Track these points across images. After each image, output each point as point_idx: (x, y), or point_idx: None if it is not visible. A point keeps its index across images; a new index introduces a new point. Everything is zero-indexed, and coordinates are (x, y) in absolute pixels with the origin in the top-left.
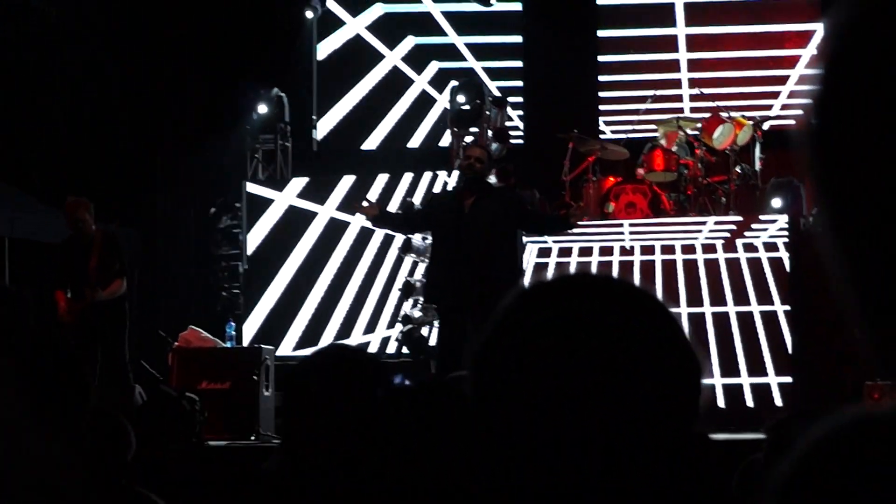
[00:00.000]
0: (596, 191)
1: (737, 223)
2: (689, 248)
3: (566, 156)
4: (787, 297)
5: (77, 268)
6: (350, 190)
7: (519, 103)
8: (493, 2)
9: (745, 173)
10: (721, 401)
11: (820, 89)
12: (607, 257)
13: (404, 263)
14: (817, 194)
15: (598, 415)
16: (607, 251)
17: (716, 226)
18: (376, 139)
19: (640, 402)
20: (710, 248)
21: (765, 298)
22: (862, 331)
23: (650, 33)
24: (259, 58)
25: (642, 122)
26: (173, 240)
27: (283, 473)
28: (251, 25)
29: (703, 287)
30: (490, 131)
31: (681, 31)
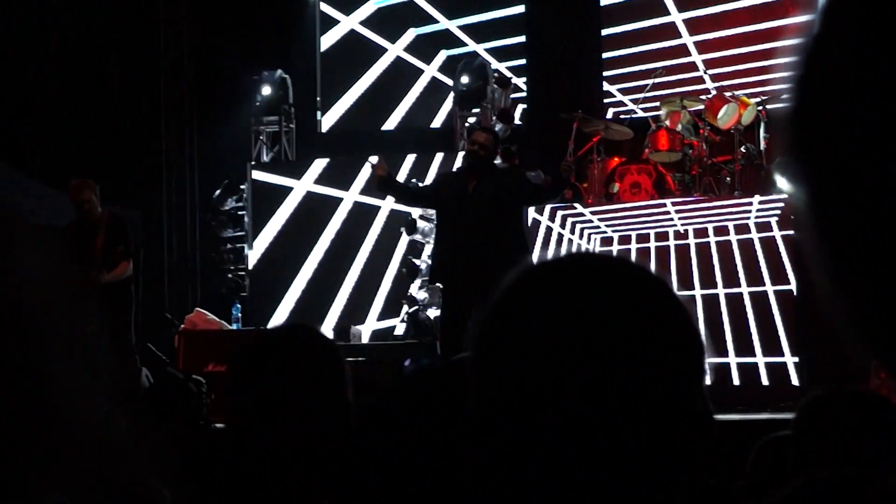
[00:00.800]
0: (600, 171)
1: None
2: (701, 232)
3: (570, 136)
4: (795, 276)
5: (83, 250)
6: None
7: (523, 83)
8: None
9: (750, 153)
10: (736, 379)
11: (799, 70)
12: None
13: (407, 244)
14: (797, 176)
15: (600, 394)
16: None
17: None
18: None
19: (642, 380)
20: (722, 231)
21: (780, 278)
22: (842, 314)
23: (652, 23)
24: (263, 40)
25: (647, 100)
26: (178, 222)
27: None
28: (255, 7)
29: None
30: (494, 112)
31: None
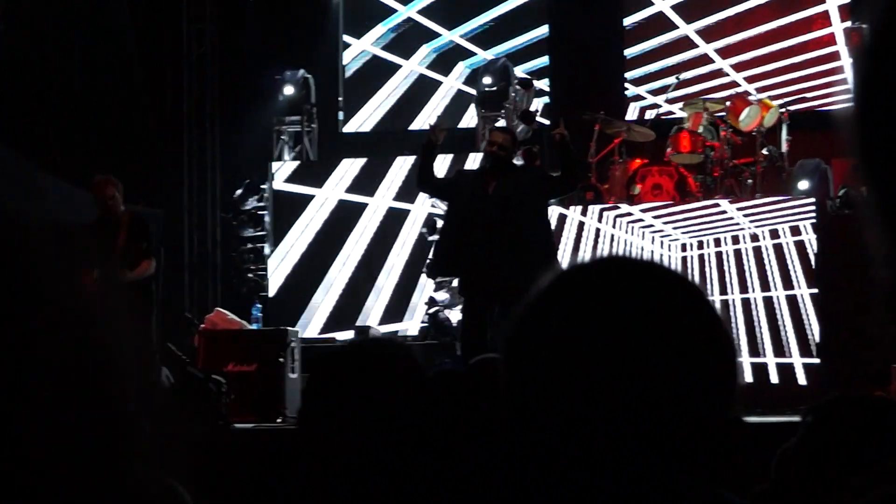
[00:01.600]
0: (622, 172)
1: None
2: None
3: (592, 137)
4: (814, 279)
5: (104, 248)
6: (362, 171)
7: (545, 85)
8: None
9: (772, 155)
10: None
11: (863, 72)
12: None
13: (425, 243)
14: (863, 177)
15: (632, 398)
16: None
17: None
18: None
19: (675, 385)
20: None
21: (788, 283)
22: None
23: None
24: (286, 39)
25: (669, 101)
26: (199, 221)
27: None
28: (278, 7)
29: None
30: (516, 113)
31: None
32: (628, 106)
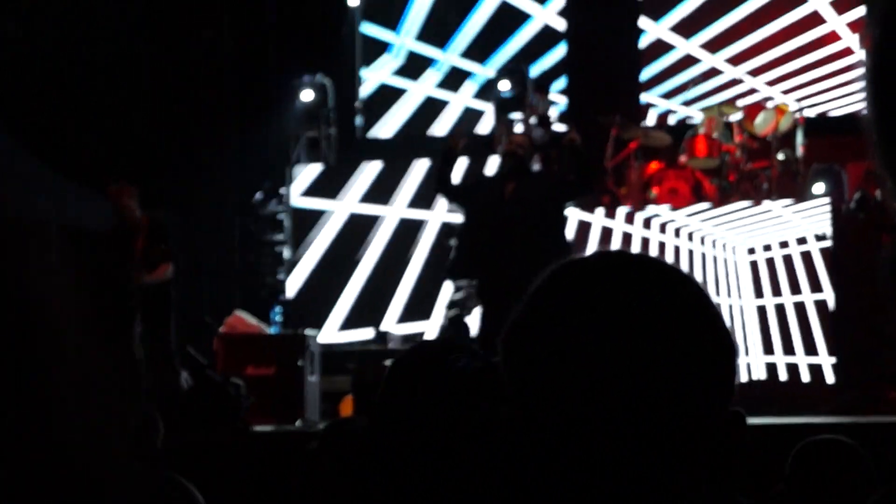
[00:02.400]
0: (638, 176)
1: None
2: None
3: (608, 142)
4: (831, 281)
5: (123, 253)
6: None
7: (562, 89)
8: None
9: (787, 159)
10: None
11: (879, 70)
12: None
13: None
14: (885, 176)
15: (630, 395)
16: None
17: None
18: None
19: (674, 381)
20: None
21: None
22: None
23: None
24: (304, 44)
25: (686, 103)
26: (218, 225)
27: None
28: (295, 11)
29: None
30: (533, 118)
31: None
32: (646, 111)
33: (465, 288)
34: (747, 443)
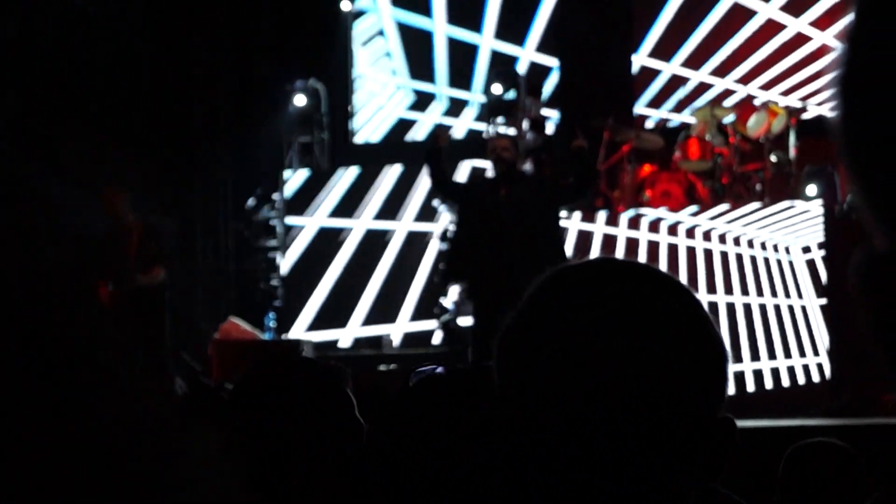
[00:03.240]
0: (631, 179)
1: None
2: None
3: (601, 144)
4: (826, 283)
5: (117, 259)
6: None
7: (554, 92)
8: None
9: (780, 161)
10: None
11: (846, 73)
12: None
13: (438, 251)
14: (850, 181)
15: (621, 401)
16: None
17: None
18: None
19: (665, 387)
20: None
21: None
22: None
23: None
24: (296, 49)
25: (677, 106)
26: (212, 231)
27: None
28: (288, 16)
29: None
30: (526, 121)
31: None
32: (642, 119)
33: (457, 292)
34: (738, 448)
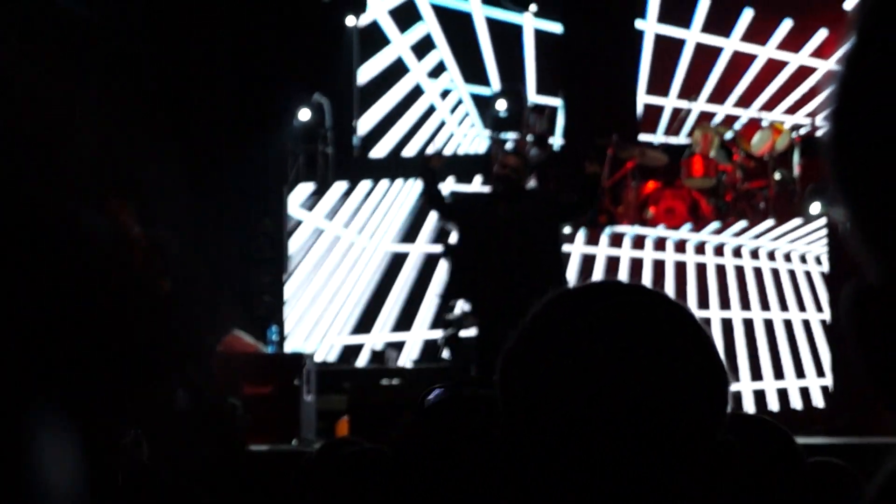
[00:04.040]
0: (635, 196)
1: None
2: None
3: (606, 161)
4: (829, 300)
5: (121, 271)
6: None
7: (560, 109)
8: (533, 7)
9: (784, 179)
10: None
11: (839, 95)
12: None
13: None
14: (841, 202)
15: (624, 422)
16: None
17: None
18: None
19: (667, 409)
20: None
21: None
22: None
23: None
24: (300, 63)
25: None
26: (216, 244)
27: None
28: (293, 31)
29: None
30: (530, 137)
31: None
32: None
33: (460, 308)
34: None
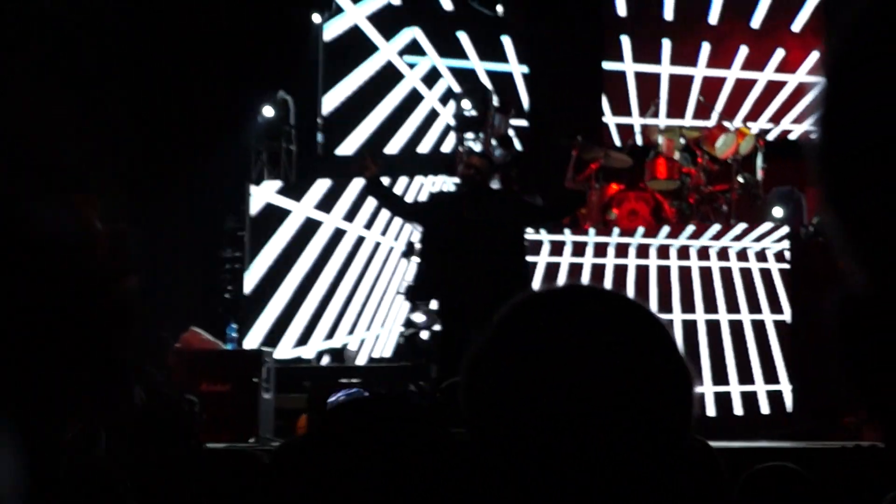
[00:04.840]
0: (599, 198)
1: None
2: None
3: (569, 163)
4: (790, 305)
5: (86, 266)
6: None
7: (524, 109)
8: (500, 8)
9: (747, 182)
10: (712, 409)
11: (825, 101)
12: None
13: (404, 267)
14: (830, 212)
15: (589, 426)
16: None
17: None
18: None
19: (632, 413)
20: (704, 255)
21: (755, 307)
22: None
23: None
24: (265, 60)
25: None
26: (177, 240)
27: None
28: (258, 28)
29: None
30: (494, 137)
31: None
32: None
33: (422, 306)
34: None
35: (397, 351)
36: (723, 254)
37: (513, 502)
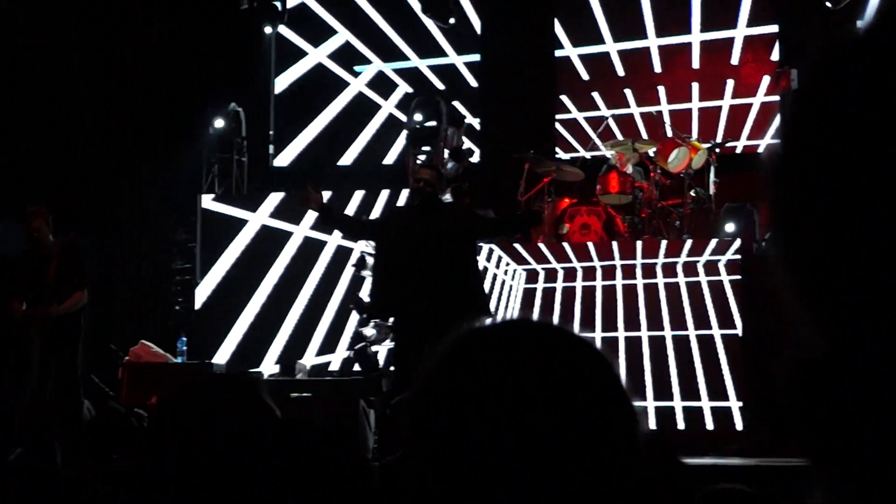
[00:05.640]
0: (551, 212)
1: None
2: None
3: (522, 176)
4: (742, 320)
5: (35, 280)
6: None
7: (477, 123)
8: (451, 20)
9: (700, 197)
10: (682, 423)
11: (788, 124)
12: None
13: (353, 279)
14: (773, 225)
15: (534, 459)
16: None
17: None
18: (343, 160)
19: (573, 450)
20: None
21: (703, 323)
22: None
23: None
24: (217, 72)
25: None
26: (129, 252)
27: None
28: (209, 39)
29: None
30: (447, 150)
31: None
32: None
33: (373, 320)
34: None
35: (346, 364)
36: (669, 269)
37: None
